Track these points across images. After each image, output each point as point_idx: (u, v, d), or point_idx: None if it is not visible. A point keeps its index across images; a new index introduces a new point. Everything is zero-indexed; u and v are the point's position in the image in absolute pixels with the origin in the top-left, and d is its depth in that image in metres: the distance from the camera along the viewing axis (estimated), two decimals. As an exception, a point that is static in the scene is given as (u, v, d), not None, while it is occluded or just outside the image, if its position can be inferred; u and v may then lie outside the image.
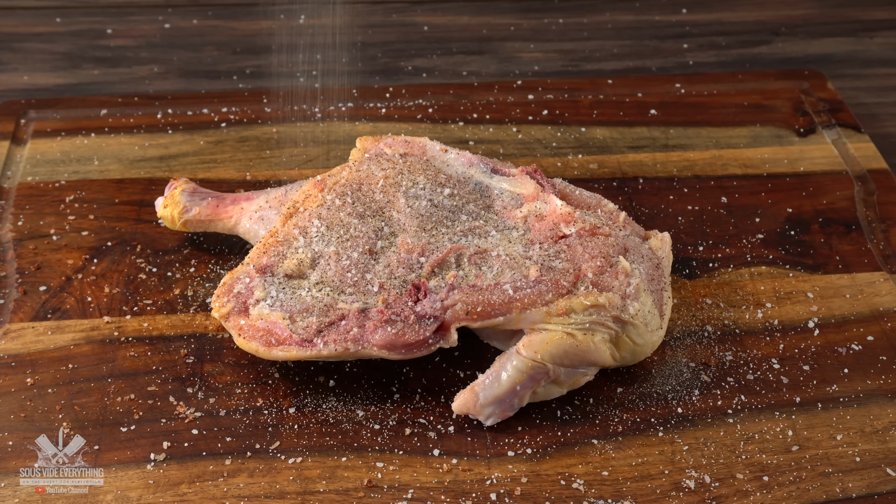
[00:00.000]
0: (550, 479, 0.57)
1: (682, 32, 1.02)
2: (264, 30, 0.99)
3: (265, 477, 0.57)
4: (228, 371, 0.63)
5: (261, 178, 0.78)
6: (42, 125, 0.83)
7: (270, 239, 0.64)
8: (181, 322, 0.66)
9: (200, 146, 0.82)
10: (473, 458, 0.59)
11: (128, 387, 0.62)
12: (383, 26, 1.01)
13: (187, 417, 0.60)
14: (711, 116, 0.86)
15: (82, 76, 0.93)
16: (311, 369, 0.63)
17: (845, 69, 0.97)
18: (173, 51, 0.97)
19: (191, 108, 0.85)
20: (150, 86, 0.92)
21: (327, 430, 0.60)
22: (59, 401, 0.61)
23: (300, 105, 0.86)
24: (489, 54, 0.98)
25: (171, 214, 0.70)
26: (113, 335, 0.65)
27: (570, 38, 1.01)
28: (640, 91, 0.89)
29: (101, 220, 0.74)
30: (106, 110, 0.85)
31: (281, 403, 0.61)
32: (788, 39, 1.01)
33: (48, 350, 0.64)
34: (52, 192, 0.76)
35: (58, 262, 0.70)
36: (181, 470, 0.57)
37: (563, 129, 0.84)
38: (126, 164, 0.79)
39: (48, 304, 0.67)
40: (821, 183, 0.80)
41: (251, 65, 0.95)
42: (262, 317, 0.60)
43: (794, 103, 0.88)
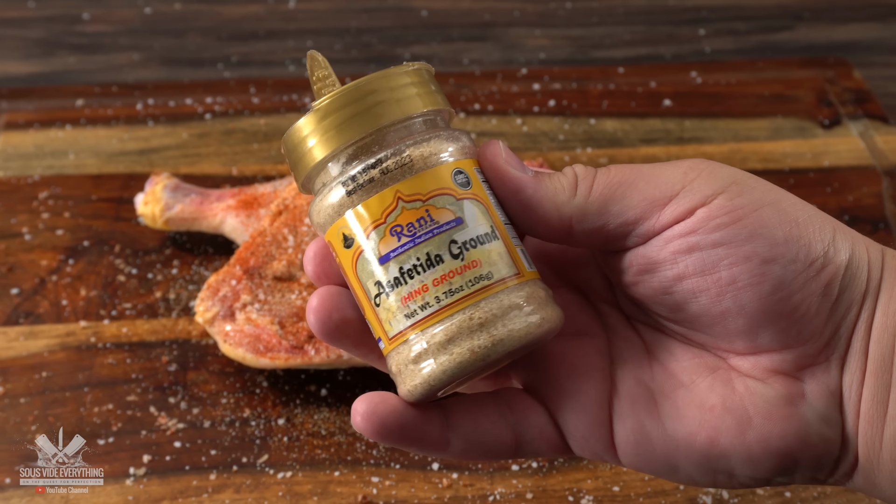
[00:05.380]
0: (557, 495, 0.58)
1: (698, 17, 1.02)
2: (252, 14, 0.99)
3: (252, 492, 0.57)
4: (213, 379, 0.63)
5: (248, 173, 0.78)
6: (14, 117, 0.83)
7: (258, 239, 0.64)
8: (163, 327, 0.67)
9: (183, 139, 0.82)
10: (475, 473, 0.59)
11: (105, 396, 0.62)
12: (379, 11, 1.01)
13: (169, 429, 0.60)
14: (729, 107, 0.87)
15: (57, 64, 0.93)
16: (302, 378, 0.64)
17: (873, 56, 0.97)
18: (154, 37, 0.97)
19: (173, 98, 0.85)
20: (129, 74, 0.92)
21: (319, 443, 0.60)
22: (33, 411, 0.61)
23: (290, 95, 0.86)
24: (492, 41, 0.98)
25: (151, 212, 0.70)
26: (90, 341, 0.65)
27: (579, 23, 1.01)
28: (654, 80, 0.89)
29: (76, 219, 0.74)
30: (82, 101, 0.85)
31: (269, 414, 0.61)
32: (812, 25, 1.01)
33: (20, 357, 0.64)
34: (24, 188, 0.77)
35: (31, 263, 0.71)
36: (163, 485, 0.58)
37: (571, 121, 0.85)
38: (104, 158, 0.80)
39: (20, 308, 0.67)
40: (846, 178, 0.80)
41: (238, 52, 0.95)
42: (250, 322, 0.60)
43: (818, 93, 0.88)
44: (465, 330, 0.34)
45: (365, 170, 0.35)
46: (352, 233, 0.35)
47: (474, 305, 0.34)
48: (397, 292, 0.35)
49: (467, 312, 0.34)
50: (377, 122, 0.35)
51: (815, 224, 0.35)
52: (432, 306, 0.34)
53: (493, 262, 0.35)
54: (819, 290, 0.35)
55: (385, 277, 0.35)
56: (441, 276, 0.34)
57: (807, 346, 0.35)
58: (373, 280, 0.35)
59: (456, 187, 0.35)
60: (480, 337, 0.34)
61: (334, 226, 0.36)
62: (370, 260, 0.35)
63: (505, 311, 0.35)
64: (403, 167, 0.35)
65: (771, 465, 0.36)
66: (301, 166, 0.36)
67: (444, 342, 0.34)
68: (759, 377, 0.36)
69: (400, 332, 0.35)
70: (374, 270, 0.35)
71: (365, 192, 0.35)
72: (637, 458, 0.37)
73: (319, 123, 0.35)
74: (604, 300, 0.40)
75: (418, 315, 0.35)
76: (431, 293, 0.34)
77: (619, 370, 0.38)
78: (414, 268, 0.35)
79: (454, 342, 0.34)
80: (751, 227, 0.34)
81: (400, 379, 0.36)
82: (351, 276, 0.36)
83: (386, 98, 0.35)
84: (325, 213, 0.36)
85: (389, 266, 0.35)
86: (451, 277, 0.34)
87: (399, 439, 0.36)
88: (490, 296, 0.35)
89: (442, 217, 0.35)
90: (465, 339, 0.34)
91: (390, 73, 0.36)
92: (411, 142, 0.35)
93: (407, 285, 0.35)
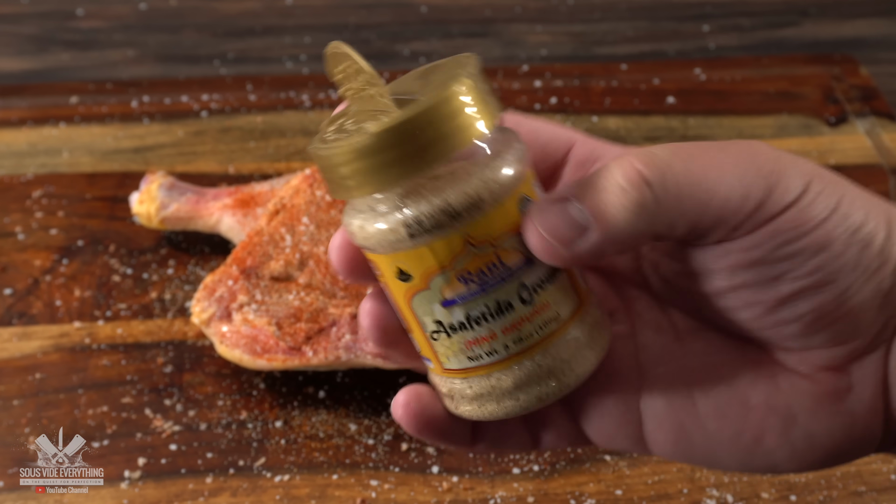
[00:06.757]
0: (559, 499, 0.57)
1: (702, 13, 1.02)
2: (248, 10, 0.99)
3: (249, 496, 0.57)
4: (209, 381, 0.63)
5: (245, 172, 0.78)
6: (7, 114, 0.83)
7: (255, 238, 0.64)
8: (158, 328, 0.67)
9: (179, 137, 0.82)
10: (476, 476, 0.59)
11: (100, 398, 0.62)
12: (378, 6, 1.01)
13: (165, 432, 0.60)
14: (734, 105, 0.87)
15: (51, 61, 0.93)
16: (300, 379, 0.64)
17: (880, 53, 0.97)
18: (149, 33, 0.97)
19: (168, 95, 0.85)
20: (124, 71, 0.92)
21: (317, 446, 0.60)
22: (26, 413, 0.61)
23: (287, 92, 0.86)
24: (493, 37, 0.98)
25: (147, 211, 0.70)
26: (84, 342, 0.65)
27: (581, 19, 1.01)
28: (657, 77, 0.89)
29: (71, 218, 0.74)
30: (76, 98, 0.85)
31: (267, 417, 0.61)
32: (818, 21, 1.01)
33: (13, 358, 0.64)
34: (17, 186, 0.77)
35: (24, 263, 0.71)
36: (158, 489, 0.57)
37: (574, 119, 0.85)
38: (98, 156, 0.80)
39: (13, 309, 0.67)
40: (853, 177, 0.78)
41: (234, 49, 0.95)
42: (246, 322, 0.60)
43: (824, 90, 0.88)
44: (533, 378, 0.33)
45: (431, 215, 0.31)
46: (411, 270, 0.32)
47: (543, 352, 0.33)
48: (461, 336, 0.33)
49: (536, 360, 0.33)
50: (442, 156, 0.31)
51: (874, 222, 0.34)
52: (499, 353, 0.33)
53: (559, 301, 0.33)
54: (876, 287, 0.34)
55: (448, 320, 0.33)
56: (511, 324, 0.33)
57: (858, 340, 0.34)
58: (431, 318, 0.33)
59: (521, 219, 0.33)
60: (549, 385, 0.33)
61: (386, 257, 0.33)
62: (431, 301, 0.33)
63: (572, 353, 0.34)
64: (472, 208, 0.31)
65: (816, 459, 0.35)
66: (344, 190, 0.32)
67: (510, 389, 0.34)
68: (806, 372, 0.35)
69: (460, 369, 0.34)
70: (435, 310, 0.33)
71: (429, 235, 0.31)
72: (673, 454, 0.36)
73: (373, 155, 0.30)
74: (631, 282, 0.38)
75: (483, 360, 0.33)
76: (500, 341, 0.33)
77: (650, 363, 0.37)
78: (483, 315, 0.33)
79: (521, 389, 0.33)
80: (819, 240, 0.33)
81: (450, 401, 0.35)
82: (403, 306, 0.34)
83: (448, 128, 0.30)
84: (375, 240, 0.32)
85: (454, 311, 0.33)
86: (521, 325, 0.33)
87: (432, 436, 0.36)
88: (558, 339, 0.33)
89: (511, 260, 0.32)
90: (534, 386, 0.33)
91: (451, 95, 0.31)
92: (478, 178, 0.31)
93: (473, 331, 0.33)
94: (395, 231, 0.31)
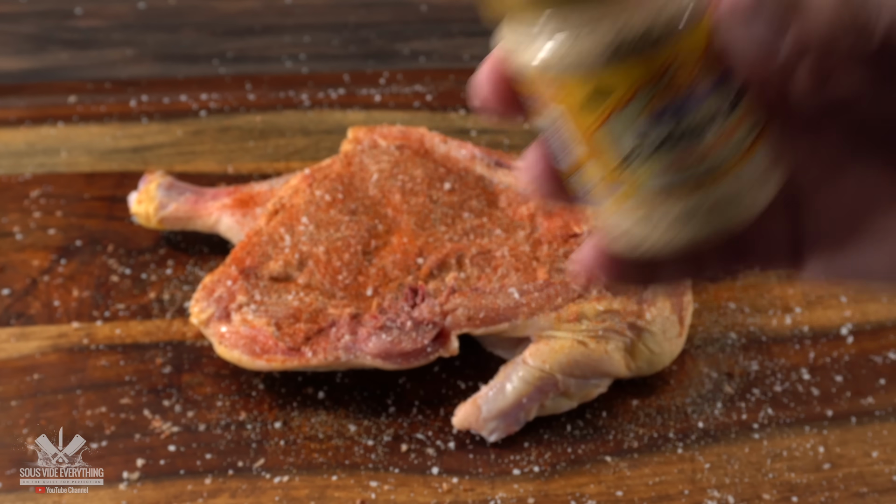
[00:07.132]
0: (560, 500, 0.58)
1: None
2: (248, 9, 0.99)
3: (248, 497, 0.57)
4: (208, 382, 0.63)
5: (244, 172, 0.78)
6: (5, 113, 0.83)
7: (254, 238, 0.64)
8: (157, 328, 0.67)
9: (178, 136, 0.82)
10: (476, 477, 0.59)
11: (98, 399, 0.62)
12: (377, 5, 1.01)
13: (163, 433, 0.61)
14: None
15: (49, 60, 0.94)
16: (299, 380, 0.64)
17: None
18: (148, 32, 0.97)
19: (167, 94, 0.85)
20: (123, 70, 0.92)
21: (316, 447, 0.60)
22: (24, 414, 0.61)
23: (286, 92, 0.86)
24: (493, 36, 0.98)
25: (145, 211, 0.70)
26: (82, 343, 0.66)
27: (582, 18, 1.01)
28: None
29: (69, 218, 0.74)
30: (75, 97, 0.85)
31: (266, 417, 0.62)
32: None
33: (11, 359, 0.64)
34: (15, 186, 0.77)
35: (22, 263, 0.71)
36: (157, 490, 0.58)
37: (574, 118, 0.85)
38: (97, 155, 0.80)
39: (11, 309, 0.67)
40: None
41: (233, 48, 0.95)
42: (246, 323, 0.60)
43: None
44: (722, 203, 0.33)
45: (645, 32, 0.31)
46: (612, 87, 0.32)
47: (737, 175, 0.33)
48: (654, 160, 0.33)
49: (730, 182, 0.33)
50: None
51: None
52: (691, 177, 0.33)
53: (747, 124, 0.33)
54: None
55: (644, 141, 0.32)
56: (706, 148, 0.33)
57: None
58: (627, 139, 0.33)
59: (716, 36, 0.32)
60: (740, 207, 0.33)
61: (579, 78, 0.32)
62: (629, 121, 0.32)
63: (761, 174, 0.34)
64: (676, 25, 0.31)
65: None
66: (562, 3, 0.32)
67: (704, 211, 0.33)
68: None
69: (650, 194, 0.33)
70: (632, 131, 0.32)
71: (636, 54, 0.31)
72: (827, 281, 0.35)
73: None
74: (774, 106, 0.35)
75: (675, 184, 0.33)
76: (690, 167, 0.33)
77: (805, 193, 0.35)
78: (681, 136, 0.32)
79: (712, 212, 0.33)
80: None
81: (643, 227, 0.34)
82: (587, 134, 0.33)
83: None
84: (572, 59, 0.32)
85: (651, 133, 0.32)
86: (714, 150, 0.33)
87: None
88: (749, 161, 0.33)
89: (705, 81, 0.32)
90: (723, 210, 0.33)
91: None
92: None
93: (667, 155, 0.33)
94: (598, 47, 0.31)
